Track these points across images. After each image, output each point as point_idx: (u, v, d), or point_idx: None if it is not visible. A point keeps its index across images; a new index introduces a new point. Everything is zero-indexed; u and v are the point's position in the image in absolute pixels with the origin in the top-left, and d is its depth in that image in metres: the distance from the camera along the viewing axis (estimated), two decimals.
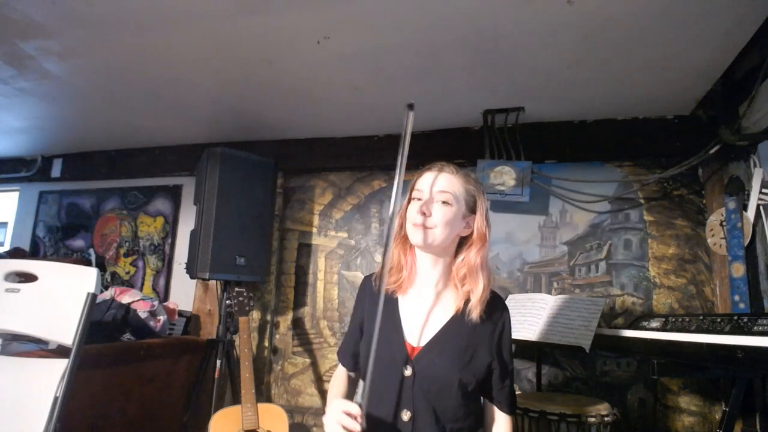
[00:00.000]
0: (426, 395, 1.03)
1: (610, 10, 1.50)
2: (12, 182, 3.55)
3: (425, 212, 1.07)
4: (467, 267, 1.10)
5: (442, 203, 1.08)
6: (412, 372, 1.04)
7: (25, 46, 1.90)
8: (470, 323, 1.07)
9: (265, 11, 1.59)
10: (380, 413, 1.04)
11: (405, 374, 1.04)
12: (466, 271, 1.10)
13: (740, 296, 1.83)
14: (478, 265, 1.09)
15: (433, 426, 1.03)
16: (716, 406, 2.02)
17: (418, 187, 1.12)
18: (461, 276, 1.10)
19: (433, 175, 1.12)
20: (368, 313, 1.16)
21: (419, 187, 1.12)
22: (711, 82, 1.93)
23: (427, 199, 1.08)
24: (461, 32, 1.68)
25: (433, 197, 1.09)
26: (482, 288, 1.07)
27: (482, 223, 1.12)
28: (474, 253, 1.10)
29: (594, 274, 2.30)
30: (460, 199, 1.10)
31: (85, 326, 1.28)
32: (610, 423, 1.60)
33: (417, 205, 1.09)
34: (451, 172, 1.13)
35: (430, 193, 1.09)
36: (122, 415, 1.99)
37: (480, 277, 1.09)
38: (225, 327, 2.35)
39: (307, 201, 2.84)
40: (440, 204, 1.08)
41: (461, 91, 2.15)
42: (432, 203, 1.08)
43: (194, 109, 2.50)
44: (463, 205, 1.11)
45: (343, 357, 1.23)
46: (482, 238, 1.11)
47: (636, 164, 2.33)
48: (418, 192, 1.11)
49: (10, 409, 1.24)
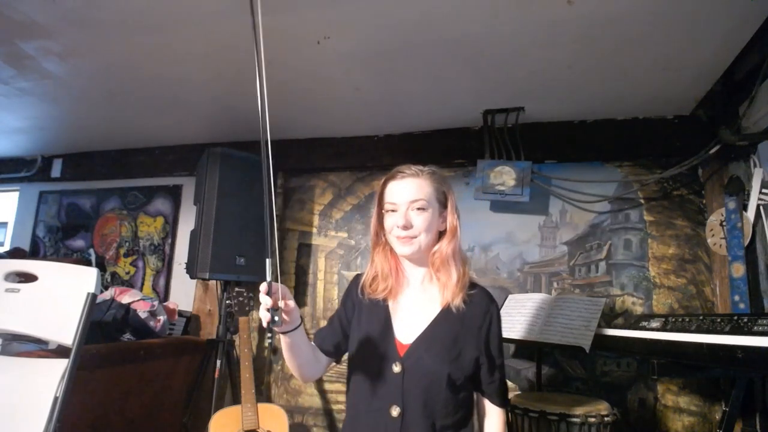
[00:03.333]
0: (415, 391, 1.05)
1: (610, 10, 1.50)
2: (12, 182, 3.55)
3: (407, 225, 1.10)
4: (440, 258, 1.13)
5: (419, 210, 1.11)
6: (401, 368, 1.07)
7: (25, 46, 1.90)
8: (458, 317, 1.11)
9: (265, 11, 1.59)
10: (370, 409, 1.07)
11: (394, 371, 1.07)
12: (439, 262, 1.13)
13: (740, 296, 1.83)
14: (449, 256, 1.12)
15: (422, 421, 1.04)
16: (716, 406, 2.02)
17: (389, 199, 1.14)
18: (436, 268, 1.14)
19: (402, 184, 1.13)
20: (357, 317, 1.18)
21: (391, 200, 1.13)
22: (711, 82, 1.93)
23: (405, 211, 1.11)
24: (461, 32, 1.68)
25: (409, 207, 1.11)
26: (456, 277, 1.11)
27: (452, 217, 1.15)
28: (446, 244, 1.13)
29: (594, 274, 2.30)
30: (432, 201, 1.13)
31: (85, 326, 1.28)
32: (610, 423, 1.60)
33: (394, 217, 1.12)
34: (416, 175, 1.15)
35: (405, 204, 1.11)
36: (122, 415, 1.99)
37: (452, 266, 1.12)
38: (225, 327, 2.35)
39: (307, 201, 2.84)
40: (417, 211, 1.11)
41: (461, 91, 2.15)
42: (409, 213, 1.11)
43: (194, 109, 2.50)
44: (436, 205, 1.14)
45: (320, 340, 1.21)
46: (453, 230, 1.14)
47: (636, 164, 2.33)
48: (391, 204, 1.13)
49: (10, 409, 1.24)
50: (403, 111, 2.40)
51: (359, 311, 1.19)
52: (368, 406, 1.08)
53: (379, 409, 1.06)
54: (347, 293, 1.25)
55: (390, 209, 1.13)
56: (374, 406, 1.07)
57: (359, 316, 1.18)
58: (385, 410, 1.06)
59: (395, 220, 1.11)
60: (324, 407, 2.55)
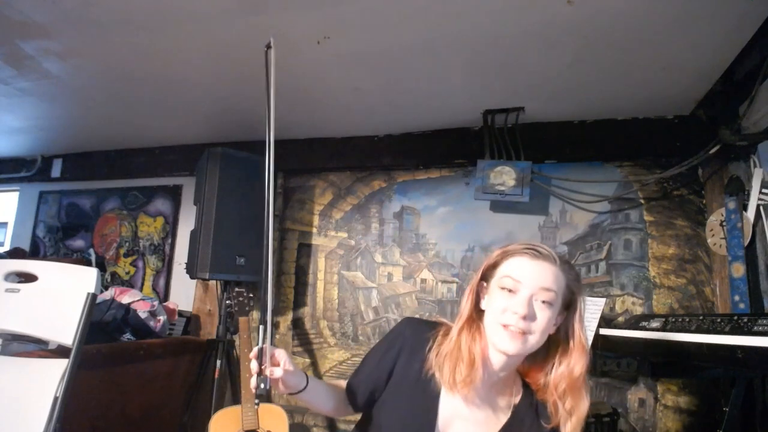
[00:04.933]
0: None
1: (610, 10, 1.50)
2: (12, 182, 3.55)
3: (527, 315, 0.87)
4: (569, 381, 0.90)
5: (544, 303, 0.88)
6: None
7: (25, 46, 1.90)
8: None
9: (265, 11, 1.59)
10: None
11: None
12: (567, 385, 0.90)
13: (740, 296, 1.83)
14: (582, 380, 0.90)
15: None
16: (716, 406, 2.01)
17: (514, 275, 0.90)
18: (561, 391, 0.91)
19: (536, 266, 0.90)
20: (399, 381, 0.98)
21: (515, 276, 0.90)
22: (711, 82, 1.93)
23: (528, 298, 0.88)
24: (461, 32, 1.68)
25: (534, 296, 0.88)
26: (586, 407, 0.90)
27: (581, 328, 0.92)
28: (576, 364, 0.91)
29: (594, 274, 2.30)
30: (559, 299, 0.91)
31: (85, 326, 1.28)
32: (609, 423, 1.60)
33: (512, 300, 0.89)
34: (554, 261, 0.91)
35: (533, 290, 0.88)
36: (122, 415, 1.98)
37: (584, 393, 0.90)
38: (225, 327, 2.35)
39: (307, 201, 2.84)
40: (542, 305, 0.88)
41: (461, 91, 2.15)
42: (534, 303, 0.88)
43: (194, 109, 2.50)
44: (560, 304, 0.92)
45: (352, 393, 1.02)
46: (583, 346, 0.92)
47: (636, 164, 2.33)
48: (513, 282, 0.89)
49: (10, 409, 1.24)
50: (403, 111, 2.40)
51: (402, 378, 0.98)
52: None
53: None
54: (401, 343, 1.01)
55: (509, 287, 0.90)
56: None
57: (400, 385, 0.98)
58: None
59: (514, 305, 0.88)
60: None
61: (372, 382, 1.01)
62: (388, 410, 0.97)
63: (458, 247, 2.52)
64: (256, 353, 0.88)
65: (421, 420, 0.93)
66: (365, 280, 2.66)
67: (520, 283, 0.89)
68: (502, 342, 0.88)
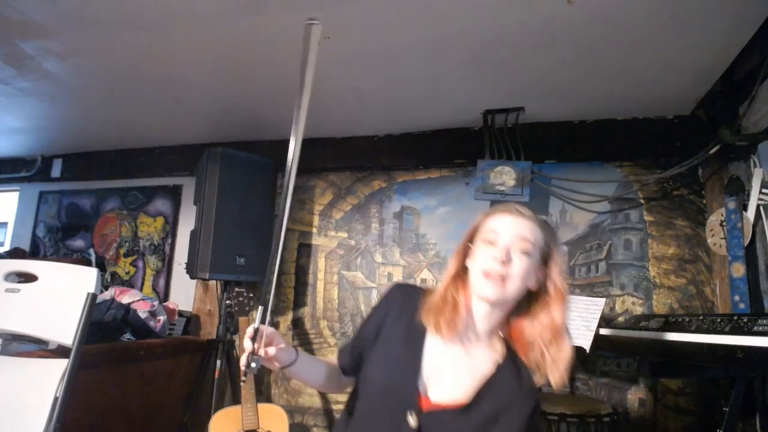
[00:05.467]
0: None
1: (610, 10, 1.50)
2: (12, 182, 3.54)
3: (505, 260, 0.94)
4: (552, 329, 0.96)
5: (522, 253, 0.96)
6: (418, 426, 0.92)
7: (25, 46, 1.90)
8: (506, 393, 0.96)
9: (265, 11, 1.59)
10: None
11: (410, 424, 0.92)
12: (551, 334, 0.96)
13: (740, 296, 1.83)
14: (563, 327, 0.97)
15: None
16: (716, 406, 2.01)
17: (493, 227, 0.99)
18: (546, 341, 0.96)
19: (514, 220, 0.98)
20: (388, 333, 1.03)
21: (495, 228, 0.98)
22: (711, 82, 1.93)
23: (508, 245, 0.95)
24: (461, 32, 1.68)
25: (512, 245, 0.96)
26: (568, 353, 0.95)
27: (561, 278, 0.99)
28: (557, 312, 0.97)
29: (594, 274, 2.30)
30: (536, 250, 0.98)
31: (85, 326, 1.28)
32: (609, 423, 1.60)
33: (492, 250, 0.96)
34: (530, 217, 1.00)
35: (511, 239, 0.96)
36: (122, 415, 1.98)
37: (565, 340, 0.96)
38: (225, 327, 2.35)
39: (307, 201, 2.84)
40: (519, 253, 0.95)
41: (461, 91, 2.15)
42: (512, 251, 0.95)
43: (194, 109, 2.50)
44: (537, 257, 0.99)
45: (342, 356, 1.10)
46: (562, 294, 0.98)
47: (636, 164, 2.33)
48: (493, 234, 0.98)
49: (10, 409, 1.24)
50: (403, 111, 2.40)
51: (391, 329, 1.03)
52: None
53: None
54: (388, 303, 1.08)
55: (489, 239, 0.98)
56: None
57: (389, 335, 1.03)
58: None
59: (494, 252, 0.95)
60: (324, 407, 2.55)
61: (361, 342, 1.06)
62: (375, 363, 1.02)
63: None
64: (251, 333, 0.90)
65: (406, 369, 0.98)
66: (365, 280, 2.66)
67: (498, 234, 0.97)
68: (484, 288, 0.95)
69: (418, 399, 0.95)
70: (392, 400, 0.95)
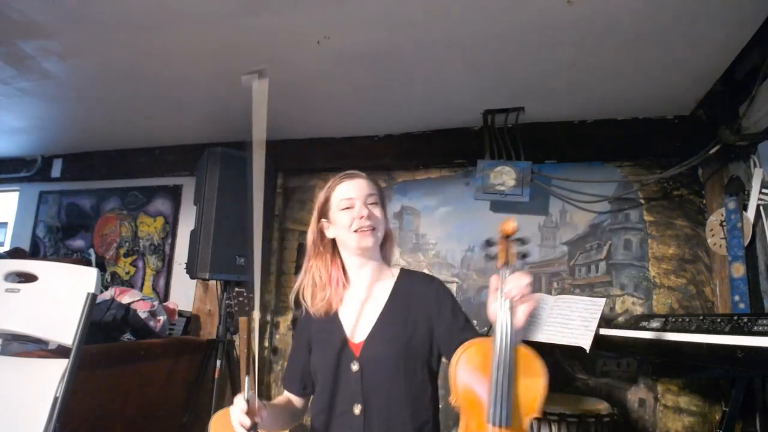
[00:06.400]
0: (374, 385, 1.07)
1: (610, 10, 1.50)
2: (12, 182, 3.55)
3: (370, 215, 1.14)
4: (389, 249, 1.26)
5: (373, 204, 1.17)
6: (359, 366, 1.09)
7: (25, 46, 1.90)
8: (404, 302, 1.16)
9: (265, 11, 1.59)
10: (333, 411, 1.10)
11: (353, 369, 1.09)
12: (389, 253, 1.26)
13: (740, 296, 1.83)
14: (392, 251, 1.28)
15: (384, 414, 1.06)
16: (716, 406, 2.01)
17: (344, 196, 1.17)
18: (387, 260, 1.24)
19: (355, 182, 1.18)
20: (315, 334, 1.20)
21: (347, 195, 1.17)
22: (711, 82, 1.93)
23: (362, 205, 1.15)
24: (461, 32, 1.68)
25: (365, 202, 1.16)
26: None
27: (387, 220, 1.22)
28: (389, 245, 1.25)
29: (594, 274, 2.30)
30: (380, 198, 1.21)
31: (85, 326, 1.28)
32: (609, 423, 1.60)
33: (352, 212, 1.15)
34: (364, 177, 1.21)
35: (362, 198, 1.16)
36: (122, 415, 1.98)
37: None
38: (225, 327, 2.34)
39: (307, 201, 2.84)
40: (372, 206, 1.17)
41: (461, 91, 2.15)
42: (368, 206, 1.16)
43: (194, 109, 2.50)
44: (382, 202, 1.22)
45: (287, 381, 1.24)
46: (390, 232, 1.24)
47: (636, 164, 2.33)
48: (347, 201, 1.16)
49: (10, 409, 1.24)
50: (403, 111, 2.40)
51: (315, 330, 1.20)
52: (333, 410, 1.10)
53: (343, 412, 1.08)
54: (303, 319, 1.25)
55: (346, 206, 1.16)
56: (339, 410, 1.09)
57: (316, 334, 1.20)
58: (348, 411, 1.07)
59: (356, 213, 1.14)
60: None
61: (301, 358, 1.21)
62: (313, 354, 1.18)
63: (458, 247, 2.52)
64: (245, 408, 0.95)
65: (332, 333, 1.15)
66: None
67: (351, 199, 1.16)
68: (360, 241, 1.14)
69: (350, 348, 1.12)
70: (336, 364, 1.11)
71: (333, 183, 1.21)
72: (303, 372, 1.21)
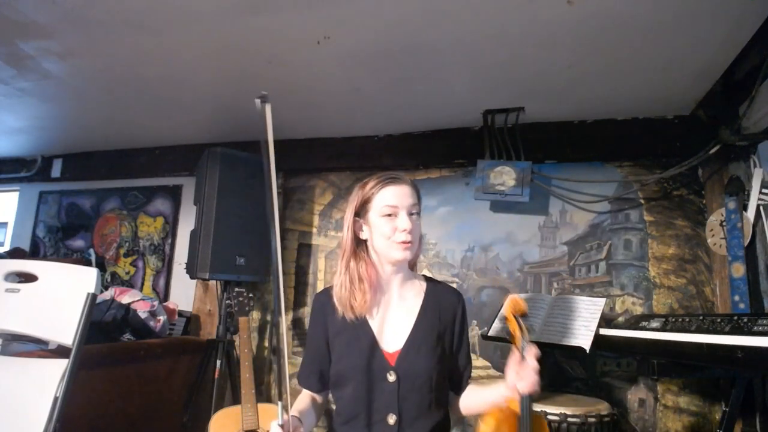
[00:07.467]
0: (409, 396, 1.08)
1: (610, 10, 1.50)
2: (12, 182, 3.55)
3: (410, 229, 1.11)
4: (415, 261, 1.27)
5: (413, 215, 1.14)
6: (396, 377, 1.08)
7: (25, 46, 1.90)
8: (435, 315, 1.16)
9: (265, 11, 1.59)
10: (365, 421, 1.09)
11: (389, 380, 1.08)
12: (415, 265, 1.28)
13: (740, 296, 1.83)
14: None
15: (416, 422, 1.07)
16: (716, 406, 2.02)
17: (389, 203, 1.13)
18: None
19: (401, 190, 1.14)
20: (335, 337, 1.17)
21: (391, 203, 1.13)
22: (711, 82, 1.93)
23: (405, 215, 1.12)
24: (461, 32, 1.68)
25: (410, 210, 1.13)
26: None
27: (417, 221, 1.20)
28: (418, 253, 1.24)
29: (594, 274, 2.30)
30: (420, 205, 1.19)
31: (85, 326, 1.28)
32: (610, 423, 1.60)
33: (395, 221, 1.12)
34: (408, 183, 1.17)
35: (406, 209, 1.13)
36: (122, 415, 1.98)
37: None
38: (225, 327, 2.35)
39: (307, 201, 2.84)
40: (413, 217, 1.14)
41: (461, 91, 2.15)
42: (410, 217, 1.13)
43: (194, 109, 2.50)
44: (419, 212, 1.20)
45: (305, 380, 1.22)
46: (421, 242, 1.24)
47: (636, 164, 2.33)
48: (391, 208, 1.12)
49: (10, 409, 1.24)
50: (403, 111, 2.40)
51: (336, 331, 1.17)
52: (366, 420, 1.08)
53: (376, 422, 1.08)
54: (315, 316, 1.22)
55: (388, 213, 1.12)
56: (371, 420, 1.08)
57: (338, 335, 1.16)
58: (382, 420, 1.07)
59: (399, 224, 1.11)
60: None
61: (319, 358, 1.19)
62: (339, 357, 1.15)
63: (458, 247, 2.52)
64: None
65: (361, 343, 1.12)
66: None
67: (395, 207, 1.12)
68: (400, 254, 1.12)
69: (384, 357, 1.10)
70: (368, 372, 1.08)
71: (376, 184, 1.16)
72: (322, 370, 1.19)
